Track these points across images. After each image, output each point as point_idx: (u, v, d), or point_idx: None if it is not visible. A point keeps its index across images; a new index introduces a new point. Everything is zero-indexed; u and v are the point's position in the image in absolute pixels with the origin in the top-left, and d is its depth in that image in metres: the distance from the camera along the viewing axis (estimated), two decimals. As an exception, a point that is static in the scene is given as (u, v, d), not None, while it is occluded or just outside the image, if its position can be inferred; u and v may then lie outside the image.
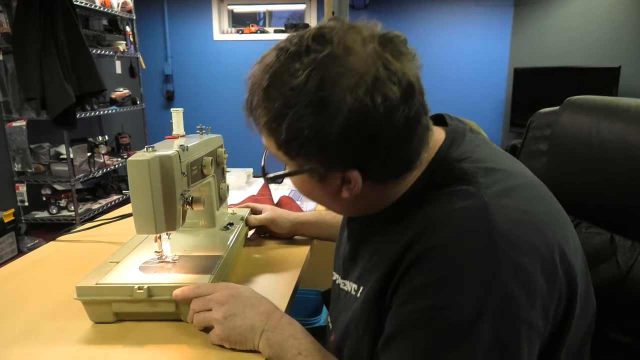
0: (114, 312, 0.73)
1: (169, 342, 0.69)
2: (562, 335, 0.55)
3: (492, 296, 0.48)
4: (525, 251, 0.50)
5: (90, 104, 3.43)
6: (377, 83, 0.50)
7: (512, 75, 4.45)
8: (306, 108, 0.51)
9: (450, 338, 0.49)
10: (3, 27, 2.99)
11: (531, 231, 0.52)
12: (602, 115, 0.77)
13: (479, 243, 0.49)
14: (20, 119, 3.14)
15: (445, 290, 0.49)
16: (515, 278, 0.48)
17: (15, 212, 3.12)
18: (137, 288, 0.72)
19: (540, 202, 0.57)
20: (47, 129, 3.22)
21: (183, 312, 0.73)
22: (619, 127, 0.74)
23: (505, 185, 0.54)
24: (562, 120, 0.83)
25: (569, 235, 0.57)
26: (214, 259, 0.83)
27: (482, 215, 0.50)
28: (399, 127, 0.52)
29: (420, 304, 0.51)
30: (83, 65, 3.14)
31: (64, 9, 3.01)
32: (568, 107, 0.84)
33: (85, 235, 1.14)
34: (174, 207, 0.75)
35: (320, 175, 0.56)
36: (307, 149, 0.53)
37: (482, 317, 0.47)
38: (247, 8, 5.10)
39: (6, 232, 2.96)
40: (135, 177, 0.72)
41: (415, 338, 0.51)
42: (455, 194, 0.53)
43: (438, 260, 0.50)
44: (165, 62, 5.00)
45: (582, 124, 0.79)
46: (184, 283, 0.74)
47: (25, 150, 3.22)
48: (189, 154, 0.81)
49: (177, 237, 0.94)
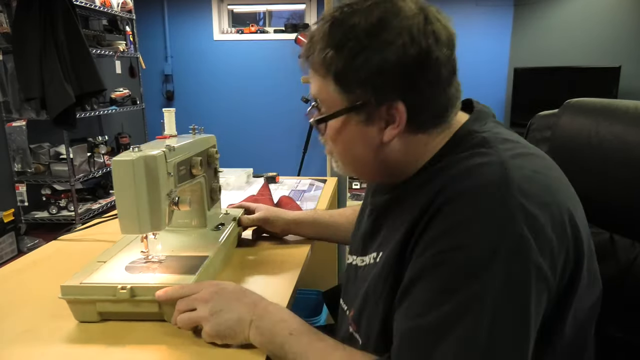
0: (98, 311, 0.73)
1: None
2: (569, 299, 0.57)
3: (505, 238, 0.51)
4: (537, 204, 0.53)
5: (90, 104, 3.43)
6: (427, 23, 0.59)
7: (512, 75, 4.45)
8: (365, 38, 0.58)
9: (464, 276, 0.52)
10: (3, 27, 2.99)
11: (543, 188, 0.55)
12: (601, 117, 0.78)
13: (495, 191, 0.53)
14: (20, 119, 3.14)
15: (461, 233, 0.53)
16: (527, 224, 0.51)
17: (15, 212, 3.12)
18: (120, 288, 0.72)
19: (553, 170, 0.61)
20: (47, 129, 3.22)
21: (166, 313, 0.73)
22: (618, 128, 0.75)
23: (520, 151, 0.59)
24: (562, 122, 0.84)
25: (578, 208, 0.60)
26: (200, 259, 0.83)
27: (499, 169, 0.55)
28: (443, 66, 0.59)
29: (436, 248, 0.54)
30: (83, 65, 3.14)
31: (64, 9, 3.01)
32: (568, 109, 0.85)
33: (85, 235, 1.14)
34: (159, 207, 0.76)
35: (368, 112, 0.61)
36: (364, 78, 0.58)
37: (495, 257, 0.51)
38: (247, 8, 5.10)
39: (6, 232, 2.96)
40: (120, 177, 0.72)
41: (430, 279, 0.54)
42: (474, 154, 0.58)
43: (456, 208, 0.54)
44: (165, 62, 5.00)
45: (582, 125, 0.80)
46: (167, 283, 0.74)
47: (25, 150, 3.22)
48: (175, 154, 0.81)
49: (166, 237, 0.94)
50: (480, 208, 0.53)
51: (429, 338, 0.53)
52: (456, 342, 0.51)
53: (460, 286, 0.52)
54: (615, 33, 4.12)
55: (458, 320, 0.51)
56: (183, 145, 0.86)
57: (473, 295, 0.51)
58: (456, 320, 0.51)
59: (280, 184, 1.64)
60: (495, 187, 0.53)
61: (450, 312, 0.52)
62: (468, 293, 0.51)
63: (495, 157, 0.56)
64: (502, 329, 0.51)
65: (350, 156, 0.67)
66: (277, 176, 1.69)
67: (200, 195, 0.98)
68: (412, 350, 0.55)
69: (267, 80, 4.98)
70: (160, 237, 0.92)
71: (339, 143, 0.66)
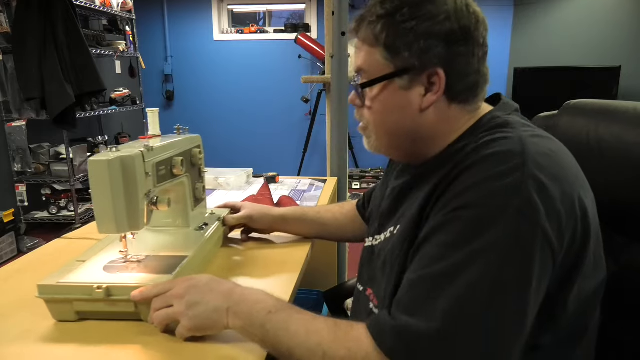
0: (75, 311, 0.74)
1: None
2: (574, 275, 0.59)
3: (515, 199, 0.54)
4: (549, 176, 0.56)
5: (90, 104, 3.43)
6: (468, 4, 0.67)
7: (512, 75, 4.45)
8: (415, 8, 0.64)
9: (473, 231, 0.55)
10: (3, 27, 3.00)
11: (557, 165, 0.59)
12: (601, 118, 0.79)
13: (510, 159, 0.57)
14: (20, 119, 3.14)
15: (474, 193, 0.57)
16: (538, 191, 0.55)
17: (15, 212, 3.12)
18: (96, 287, 0.72)
19: (568, 156, 0.64)
20: (47, 129, 3.22)
21: (143, 312, 0.73)
22: (618, 129, 0.76)
23: (540, 134, 0.64)
24: (562, 123, 0.85)
25: (588, 194, 0.62)
26: (179, 259, 0.83)
27: (517, 142, 0.59)
28: (478, 46, 0.66)
29: (450, 207, 0.58)
30: (83, 65, 3.14)
31: (64, 9, 3.01)
32: (567, 111, 0.86)
33: (85, 235, 1.14)
34: (137, 207, 0.76)
35: (411, 78, 0.66)
36: (411, 42, 0.64)
37: (504, 215, 0.54)
38: (247, 8, 5.10)
39: (6, 232, 2.96)
40: (96, 177, 0.72)
41: (441, 235, 0.58)
42: (496, 133, 0.63)
43: (472, 172, 0.58)
44: (165, 62, 5.00)
45: (582, 127, 0.81)
46: (143, 283, 0.74)
47: (25, 150, 3.22)
48: (154, 154, 0.81)
49: (148, 237, 0.95)
50: (494, 172, 0.57)
51: (433, 285, 0.56)
52: (459, 290, 0.54)
53: (469, 240, 0.55)
54: (615, 33, 4.12)
55: (464, 270, 0.54)
56: (163, 145, 0.86)
57: (480, 249, 0.54)
58: (462, 270, 0.54)
59: (280, 184, 1.64)
60: (511, 155, 0.57)
61: (456, 263, 0.55)
62: (475, 246, 0.54)
63: (514, 134, 0.61)
64: (505, 282, 0.53)
65: (386, 125, 0.71)
66: (277, 176, 1.69)
67: (183, 195, 0.98)
68: (415, 296, 0.57)
69: (267, 80, 4.98)
70: (142, 237, 0.92)
71: (377, 110, 0.70)
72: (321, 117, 4.33)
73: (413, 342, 0.55)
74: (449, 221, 0.58)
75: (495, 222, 0.54)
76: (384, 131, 0.72)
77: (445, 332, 0.53)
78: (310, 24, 4.90)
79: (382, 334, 0.57)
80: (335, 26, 1.68)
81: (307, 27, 4.87)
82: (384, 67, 0.67)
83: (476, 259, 0.54)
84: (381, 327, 0.58)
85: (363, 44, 0.69)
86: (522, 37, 4.51)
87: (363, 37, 0.69)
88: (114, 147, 0.76)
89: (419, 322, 0.55)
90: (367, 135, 0.74)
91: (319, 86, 4.26)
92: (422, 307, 0.56)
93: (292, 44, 4.51)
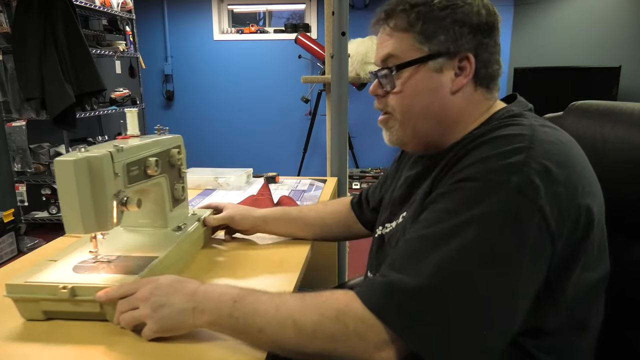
0: (42, 310, 0.74)
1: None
2: (575, 261, 0.60)
3: (516, 177, 0.56)
4: (555, 162, 0.58)
5: (90, 104, 3.43)
6: (490, 3, 0.71)
7: (512, 75, 4.45)
8: None
9: (473, 200, 0.57)
10: (3, 27, 3.00)
11: (563, 154, 0.61)
12: (606, 119, 0.80)
13: (518, 141, 0.59)
14: (20, 119, 3.14)
15: (477, 167, 0.59)
16: (540, 174, 0.56)
17: (15, 212, 3.12)
18: (61, 287, 0.73)
19: (578, 149, 0.65)
20: (47, 129, 3.22)
21: (108, 313, 0.74)
22: (623, 130, 0.77)
23: (551, 125, 0.66)
24: (567, 124, 0.85)
25: (594, 184, 0.63)
26: (150, 260, 0.83)
27: (528, 129, 0.62)
28: (498, 37, 0.72)
29: (453, 179, 0.61)
30: (83, 65, 3.14)
31: (64, 9, 3.01)
32: (572, 112, 0.87)
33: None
34: (105, 208, 0.76)
35: (443, 61, 0.69)
36: (447, 26, 0.68)
37: (503, 189, 0.56)
38: (247, 8, 5.10)
39: (6, 232, 2.96)
40: (62, 177, 0.73)
41: (441, 202, 0.61)
42: (509, 121, 0.66)
43: (480, 149, 0.61)
44: (165, 62, 5.00)
45: (587, 127, 0.82)
46: (108, 284, 0.74)
47: (25, 150, 3.22)
48: (125, 154, 0.81)
49: (124, 237, 0.95)
50: (499, 150, 0.59)
51: (427, 245, 0.58)
52: (451, 251, 0.56)
53: (467, 206, 0.57)
54: (615, 33, 4.12)
55: (458, 233, 0.56)
56: (136, 145, 0.86)
57: (478, 215, 0.56)
58: (457, 233, 0.56)
59: (280, 184, 1.64)
60: (520, 138, 0.60)
61: (452, 225, 0.57)
62: (474, 212, 0.56)
63: (526, 122, 0.64)
64: (497, 250, 0.55)
65: (415, 108, 0.73)
66: (277, 176, 1.69)
67: (160, 196, 0.98)
68: (408, 254, 0.59)
69: (267, 80, 4.98)
70: (117, 237, 0.93)
71: (408, 94, 0.72)
72: (321, 117, 4.33)
73: (401, 299, 0.56)
74: (450, 191, 0.61)
75: (496, 193, 0.56)
76: (412, 115, 0.73)
77: (435, 289, 0.55)
78: (310, 24, 4.90)
79: (370, 292, 0.58)
80: (335, 26, 1.68)
81: (307, 27, 4.87)
82: (417, 51, 0.70)
83: (472, 224, 0.56)
84: (369, 286, 0.59)
85: (394, 30, 0.72)
86: (522, 37, 4.51)
87: (394, 24, 0.72)
88: (83, 147, 0.76)
89: (408, 278, 0.56)
90: (390, 125, 0.76)
91: (319, 86, 4.25)
92: (414, 264, 0.57)
93: (292, 44, 4.51)
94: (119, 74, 4.08)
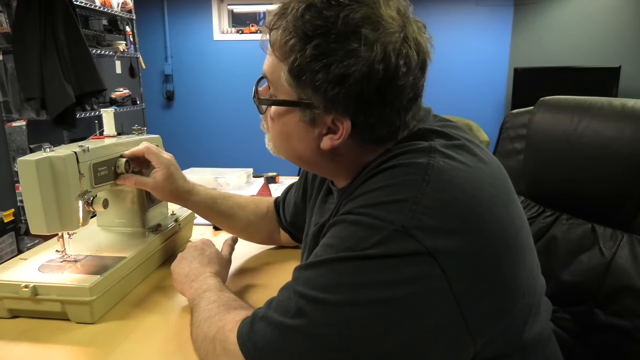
0: (6, 308, 0.76)
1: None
2: None
3: (399, 216, 0.48)
4: (448, 190, 0.50)
5: (90, 103, 3.43)
6: (404, 44, 0.54)
7: (512, 75, 4.45)
8: (335, 42, 0.52)
9: (349, 236, 0.51)
10: (3, 27, 2.99)
11: (462, 176, 0.52)
12: (577, 113, 0.81)
13: (413, 172, 0.52)
14: (20, 119, 3.14)
15: (362, 200, 0.52)
16: (431, 213, 0.49)
17: (15, 212, 3.12)
18: (23, 286, 0.74)
19: (488, 165, 0.57)
20: (47, 129, 3.22)
21: (70, 312, 0.74)
22: (595, 124, 0.78)
23: (459, 151, 0.56)
24: (537, 119, 0.87)
25: (508, 204, 0.55)
26: (118, 260, 0.84)
27: (426, 151, 0.54)
28: (405, 93, 0.55)
29: (340, 212, 0.55)
30: (83, 65, 3.14)
31: (64, 9, 3.00)
32: (542, 107, 0.88)
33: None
34: (70, 207, 0.77)
35: (314, 115, 0.57)
36: (319, 84, 0.54)
37: (381, 230, 0.48)
38: (247, 8, 5.10)
39: (6, 232, 2.96)
40: (25, 177, 0.74)
41: (325, 238, 0.54)
42: (409, 144, 0.57)
43: (371, 182, 0.54)
44: (165, 62, 5.00)
45: (559, 121, 0.83)
46: (67, 285, 0.75)
47: (25, 150, 3.22)
48: (91, 155, 0.81)
49: (97, 236, 0.96)
50: (393, 184, 0.51)
51: (293, 285, 0.54)
52: (304, 289, 0.52)
53: (341, 244, 0.51)
54: (615, 33, 4.12)
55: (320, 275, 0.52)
56: (104, 146, 0.87)
57: (339, 257, 0.50)
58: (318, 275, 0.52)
59: (280, 184, 1.64)
60: (415, 168, 0.52)
61: (319, 262, 0.52)
62: (339, 255, 0.50)
63: (426, 145, 0.55)
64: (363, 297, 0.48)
65: (286, 146, 0.64)
66: (277, 176, 1.69)
67: (135, 196, 0.98)
68: (281, 294, 0.56)
69: (267, 80, 4.98)
70: (90, 236, 0.94)
71: (277, 130, 0.63)
72: (321, 117, 4.32)
73: (254, 340, 0.52)
74: (333, 224, 0.54)
75: (372, 233, 0.49)
76: (284, 149, 0.65)
77: (299, 331, 0.50)
78: (310, 24, 4.90)
79: (243, 324, 0.56)
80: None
81: (307, 27, 4.87)
82: (286, 91, 0.58)
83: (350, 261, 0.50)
84: (254, 314, 0.56)
85: (272, 50, 0.58)
86: (522, 37, 4.51)
87: (273, 43, 0.58)
88: (48, 147, 0.77)
89: (276, 315, 0.52)
90: (268, 139, 0.67)
91: (319, 86, 4.25)
92: (280, 306, 0.53)
93: (292, 44, 4.50)
94: (119, 74, 4.08)
